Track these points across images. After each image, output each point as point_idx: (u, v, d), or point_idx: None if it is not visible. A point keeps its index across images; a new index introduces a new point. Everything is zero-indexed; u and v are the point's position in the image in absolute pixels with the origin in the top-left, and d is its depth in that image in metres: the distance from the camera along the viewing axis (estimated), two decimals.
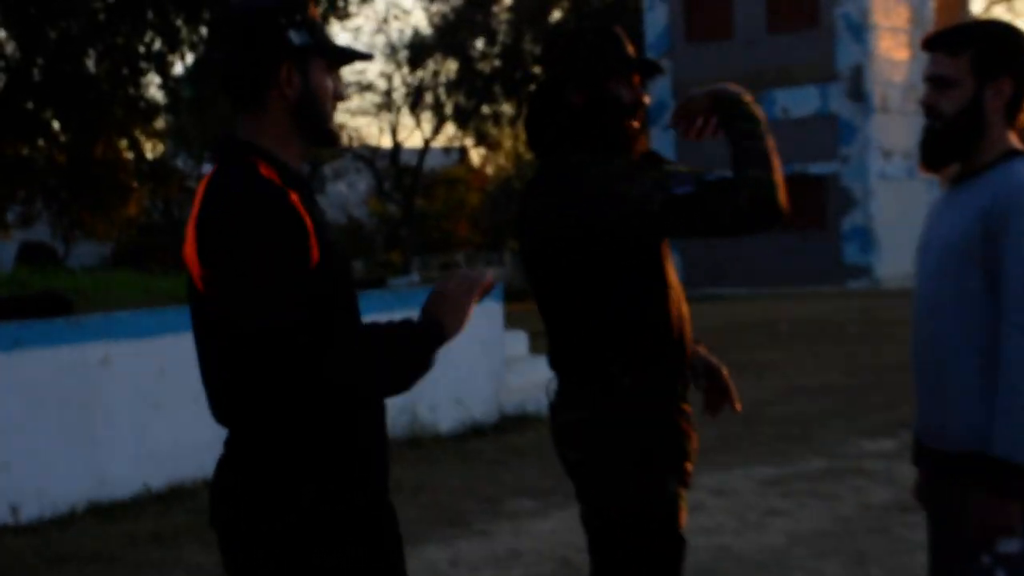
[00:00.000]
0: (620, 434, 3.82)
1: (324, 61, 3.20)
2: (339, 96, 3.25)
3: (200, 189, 3.08)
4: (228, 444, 3.10)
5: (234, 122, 3.23)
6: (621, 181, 3.78)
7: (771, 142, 3.84)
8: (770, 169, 3.78)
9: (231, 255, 2.95)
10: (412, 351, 3.07)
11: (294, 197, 3.05)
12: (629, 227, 3.77)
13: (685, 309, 4.04)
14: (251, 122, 3.17)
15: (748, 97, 3.92)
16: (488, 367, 12.38)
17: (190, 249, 3.05)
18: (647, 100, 4.03)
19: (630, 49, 4.01)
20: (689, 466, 3.94)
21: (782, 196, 3.78)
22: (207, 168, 3.16)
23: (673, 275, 4.00)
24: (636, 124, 3.98)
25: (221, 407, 3.09)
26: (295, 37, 3.14)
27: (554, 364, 4.00)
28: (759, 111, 3.90)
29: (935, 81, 3.82)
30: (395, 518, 3.30)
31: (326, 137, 3.24)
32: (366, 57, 3.33)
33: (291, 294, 2.94)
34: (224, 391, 3.06)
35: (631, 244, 3.83)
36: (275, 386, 2.93)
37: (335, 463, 3.07)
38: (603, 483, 3.84)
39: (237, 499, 3.05)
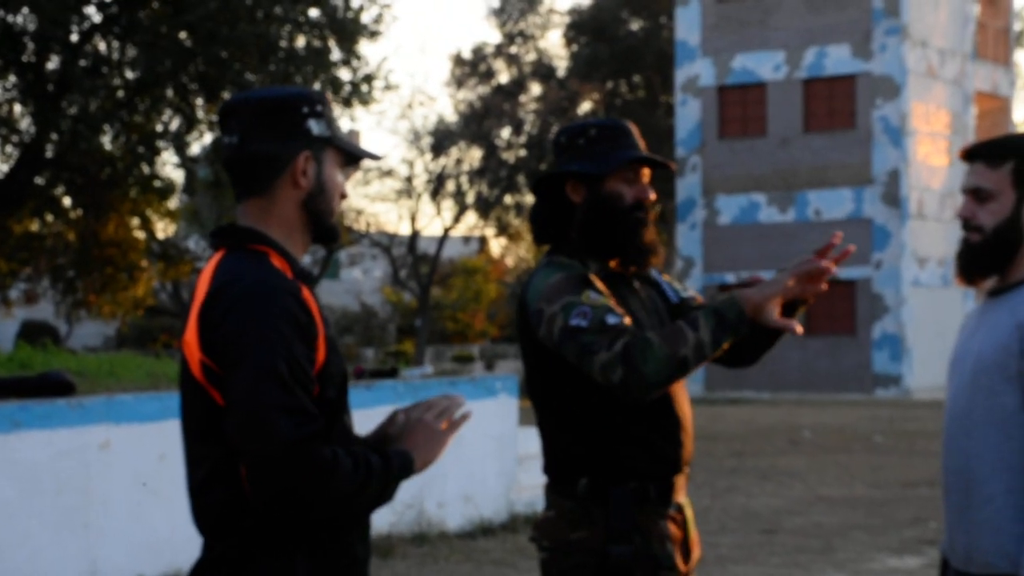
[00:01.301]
0: (578, 535, 3.81)
1: (338, 155, 3.21)
2: (344, 194, 3.25)
3: (206, 274, 3.07)
4: (207, 547, 3.05)
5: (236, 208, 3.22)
6: (547, 297, 3.78)
7: (721, 345, 3.65)
8: (682, 361, 3.61)
9: (246, 351, 2.91)
10: (380, 486, 2.99)
11: (306, 292, 3.04)
12: (547, 339, 3.78)
13: (683, 407, 3.96)
14: (255, 210, 3.15)
15: (752, 315, 3.68)
16: (500, 464, 12.34)
17: (192, 336, 3.01)
18: (652, 197, 3.98)
19: (641, 144, 3.98)
20: (671, 573, 3.84)
21: (650, 391, 3.64)
22: (213, 249, 3.15)
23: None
24: (642, 217, 3.93)
25: (202, 510, 3.05)
26: (315, 127, 3.16)
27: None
28: (737, 326, 3.67)
29: (974, 193, 3.83)
30: None
31: (329, 233, 3.22)
32: (376, 157, 3.31)
33: (297, 394, 2.90)
34: (206, 498, 3.03)
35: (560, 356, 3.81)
36: (266, 492, 2.88)
37: (315, 568, 3.02)
38: None
39: None
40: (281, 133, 3.13)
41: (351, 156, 3.25)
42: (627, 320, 3.71)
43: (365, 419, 3.60)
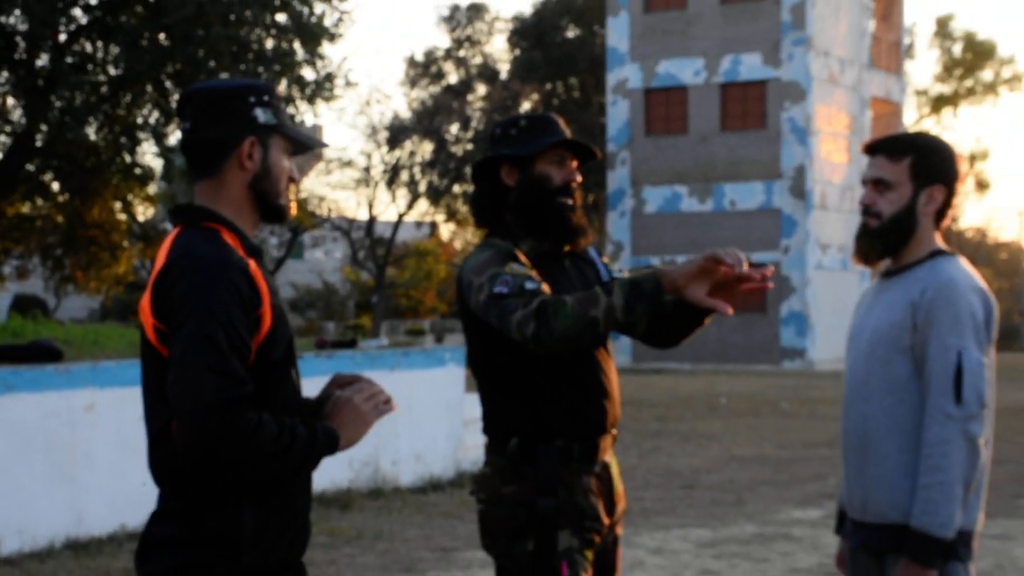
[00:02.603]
0: (509, 489, 3.83)
1: (284, 142, 3.19)
2: (293, 178, 3.22)
3: (163, 248, 3.06)
4: (161, 497, 3.06)
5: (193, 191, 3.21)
6: (476, 271, 3.78)
7: (614, 317, 3.56)
8: (585, 319, 3.55)
9: (188, 314, 2.91)
10: (303, 454, 2.98)
11: (253, 266, 3.03)
12: (477, 308, 3.77)
13: (611, 375, 3.96)
14: (208, 190, 3.14)
15: (670, 290, 3.60)
16: (448, 427, 12.36)
17: (146, 303, 3.02)
18: (579, 180, 3.97)
19: (567, 133, 3.97)
20: (597, 525, 3.85)
21: (560, 344, 3.59)
22: (170, 228, 3.16)
23: (606, 345, 3.98)
24: (569, 202, 3.92)
25: (156, 463, 3.04)
26: (261, 115, 3.15)
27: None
28: (650, 300, 3.58)
29: (876, 183, 3.86)
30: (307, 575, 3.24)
31: (277, 212, 3.20)
32: (323, 145, 3.31)
33: (230, 359, 2.89)
34: (159, 447, 3.02)
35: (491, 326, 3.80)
36: (188, 442, 2.87)
37: (262, 524, 3.02)
38: (496, 532, 3.85)
39: (170, 551, 3.00)
40: (229, 120, 3.12)
41: (298, 143, 3.23)
42: (545, 287, 3.69)
43: (320, 380, 3.60)
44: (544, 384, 3.85)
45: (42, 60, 35.19)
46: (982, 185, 69.34)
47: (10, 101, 35.92)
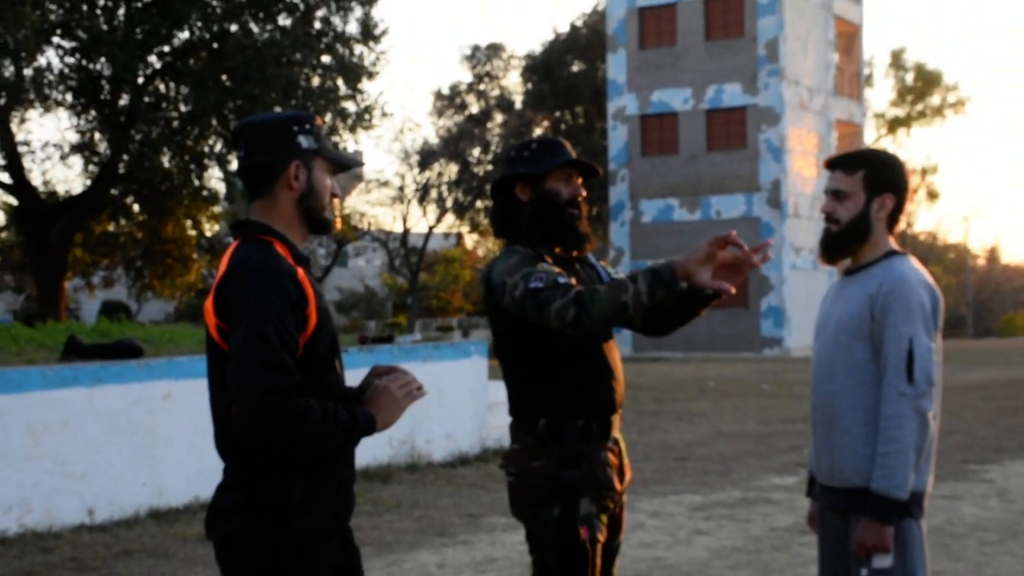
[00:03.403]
0: (537, 464, 3.83)
1: (326, 163, 3.20)
2: (335, 194, 3.23)
3: (225, 258, 3.08)
4: (226, 472, 3.07)
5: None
6: (509, 272, 3.79)
7: (645, 298, 3.62)
8: (617, 305, 3.62)
9: (244, 314, 2.93)
10: (344, 435, 3.00)
11: (301, 272, 3.04)
12: (511, 307, 3.79)
13: (616, 363, 3.97)
14: (262, 208, 3.16)
15: (683, 276, 3.68)
16: (474, 410, 12.39)
17: (210, 305, 3.04)
18: (584, 194, 3.98)
19: (572, 155, 3.97)
20: (612, 494, 3.89)
21: (596, 326, 3.66)
22: (230, 240, 3.18)
23: (611, 340, 3.98)
24: (576, 213, 3.94)
25: (220, 443, 3.06)
26: (304, 141, 3.16)
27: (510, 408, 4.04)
28: (670, 283, 3.65)
29: (834, 193, 3.88)
30: (353, 539, 3.25)
31: (322, 225, 3.21)
32: (360, 163, 3.31)
33: (281, 353, 2.91)
34: (223, 429, 3.04)
35: (523, 319, 3.80)
36: (246, 425, 2.90)
37: (312, 495, 3.03)
38: (525, 503, 3.86)
39: (233, 518, 3.01)
40: (277, 147, 3.14)
41: (338, 164, 3.24)
42: (573, 281, 3.75)
43: (362, 370, 3.61)
44: (564, 370, 3.86)
45: (123, 100, 35.33)
46: (932, 195, 69.13)
47: (97, 135, 36.09)
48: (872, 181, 3.84)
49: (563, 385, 3.86)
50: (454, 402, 11.90)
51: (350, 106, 36.50)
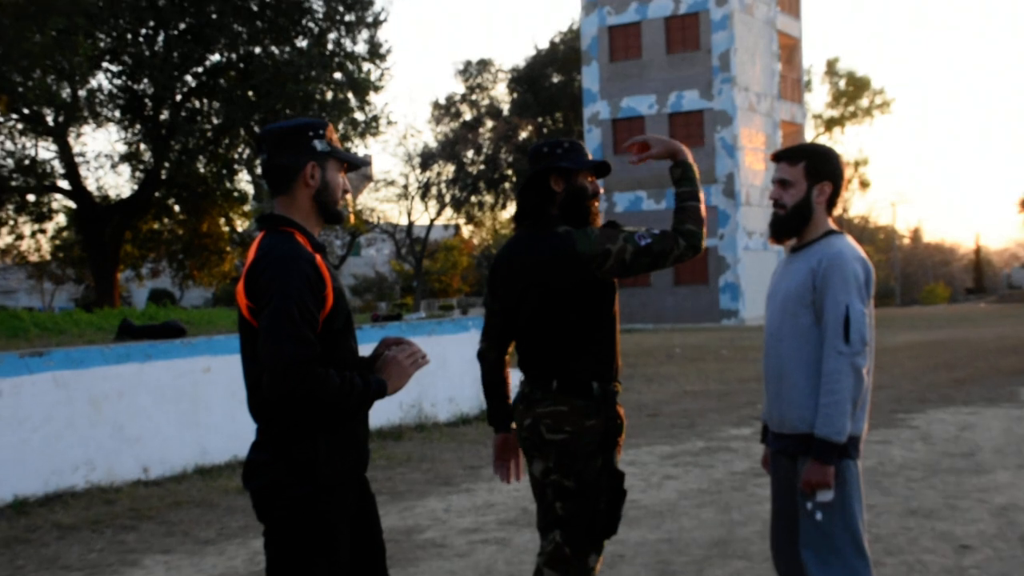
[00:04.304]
0: (592, 422, 3.81)
1: (338, 164, 3.19)
2: (346, 190, 3.23)
3: (253, 247, 3.08)
4: (258, 432, 3.08)
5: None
6: (606, 240, 3.79)
7: (702, 199, 3.93)
8: (700, 223, 3.87)
9: (270, 295, 2.94)
10: (357, 399, 3.01)
11: (319, 258, 3.05)
12: (613, 269, 3.79)
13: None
14: (284, 203, 3.15)
15: (693, 161, 3.97)
16: (473, 376, 12.36)
17: (241, 288, 3.04)
18: (601, 191, 4.03)
19: (588, 155, 4.00)
20: (622, 442, 3.94)
21: (703, 240, 3.89)
22: (256, 234, 3.18)
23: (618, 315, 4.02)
24: (595, 206, 3.96)
25: (253, 407, 3.07)
26: (318, 144, 3.15)
27: (536, 375, 3.91)
28: (698, 174, 3.97)
29: (780, 183, 3.89)
30: (369, 488, 3.26)
31: (335, 217, 3.20)
32: (366, 162, 3.28)
33: (302, 328, 2.91)
34: (255, 395, 3.05)
35: (610, 285, 3.84)
36: (275, 390, 2.91)
37: (332, 451, 3.03)
38: (577, 457, 3.80)
39: (266, 472, 3.02)
40: (294, 150, 3.13)
41: (348, 163, 3.24)
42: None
43: (374, 343, 3.62)
44: (603, 341, 3.86)
45: (164, 115, 35.28)
46: (864, 184, 69.29)
47: (142, 146, 36.03)
48: (812, 171, 3.85)
49: (603, 354, 3.86)
50: (455, 370, 11.92)
51: (359, 116, 36.46)
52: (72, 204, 36.98)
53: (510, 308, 3.98)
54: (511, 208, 56.04)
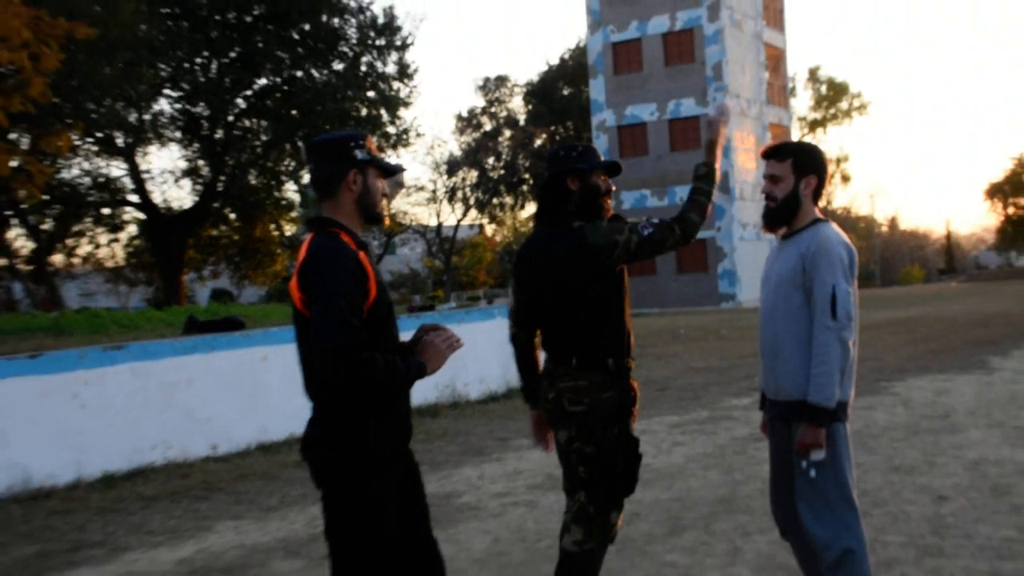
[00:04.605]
0: (608, 394, 3.83)
1: (377, 171, 3.19)
2: (384, 194, 3.23)
3: (304, 246, 3.08)
4: (313, 410, 3.09)
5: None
6: (614, 233, 3.82)
7: (713, 199, 4.00)
8: (703, 217, 3.94)
9: (321, 288, 2.94)
10: (400, 380, 3.02)
11: (362, 255, 3.05)
12: (620, 258, 3.82)
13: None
14: (330, 207, 3.15)
15: (718, 165, 4.06)
16: (499, 359, 12.42)
17: (294, 284, 3.04)
18: (613, 188, 4.03)
19: (600, 157, 4.03)
20: (636, 412, 3.96)
21: (698, 231, 3.93)
22: (306, 235, 3.17)
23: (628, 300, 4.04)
24: (608, 202, 3.98)
25: (309, 388, 3.08)
26: (359, 153, 3.15)
27: (558, 353, 3.91)
28: (718, 176, 4.03)
29: (770, 178, 3.89)
30: (413, 458, 3.26)
31: (376, 218, 3.20)
32: (402, 169, 3.29)
33: (350, 317, 2.92)
34: (310, 378, 3.05)
35: (620, 272, 3.86)
36: (327, 374, 2.91)
37: (380, 426, 3.04)
38: (596, 426, 3.82)
39: (322, 445, 3.03)
40: (338, 160, 3.13)
41: (386, 170, 3.24)
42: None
43: (412, 330, 3.64)
44: (616, 322, 3.87)
45: (219, 134, 35.42)
46: (845, 178, 68.89)
47: (200, 162, 36.21)
48: (799, 166, 3.85)
49: (616, 334, 3.87)
50: (484, 353, 11.96)
51: (391, 129, 36.51)
52: (141, 215, 37.22)
53: (534, 297, 3.99)
54: (529, 208, 56.00)
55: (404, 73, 36.84)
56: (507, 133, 55.28)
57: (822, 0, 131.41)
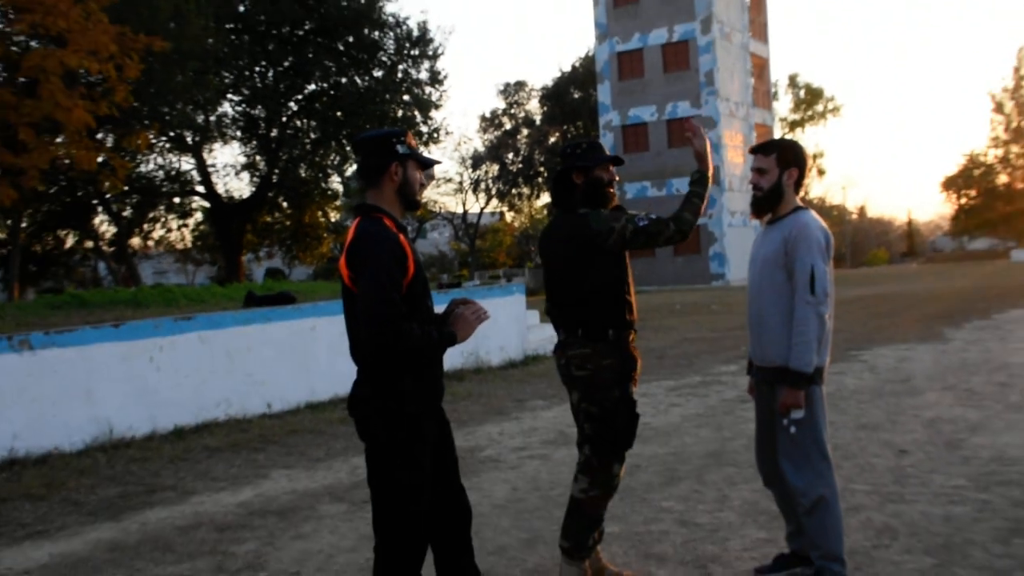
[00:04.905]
0: (607, 362, 3.80)
1: (415, 163, 3.17)
2: (422, 183, 3.20)
3: (351, 230, 3.07)
4: (359, 372, 3.08)
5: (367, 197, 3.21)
6: (612, 221, 3.78)
7: (706, 198, 3.91)
8: (696, 216, 3.85)
9: (367, 266, 2.93)
10: (434, 348, 3.01)
11: (402, 237, 3.04)
12: (616, 243, 3.77)
13: (634, 294, 4.01)
14: (374, 195, 3.13)
15: (711, 171, 3.97)
16: (517, 330, 12.43)
17: (343, 262, 3.03)
18: (617, 179, 3.99)
19: (606, 151, 3.98)
20: (637, 377, 3.91)
21: (687, 235, 3.83)
22: (352, 219, 3.15)
23: (631, 276, 3.99)
24: (612, 191, 3.92)
25: (355, 354, 3.07)
26: (400, 148, 3.13)
27: (566, 324, 3.89)
28: (710, 181, 3.95)
29: (757, 170, 3.86)
30: (445, 416, 3.25)
31: (414, 205, 3.18)
32: (437, 162, 3.24)
33: (392, 292, 2.91)
34: (356, 345, 3.04)
35: (618, 253, 3.81)
36: (371, 342, 2.91)
37: (416, 387, 3.03)
38: (598, 388, 3.80)
39: (366, 403, 3.03)
40: (381, 153, 3.11)
41: (424, 163, 3.21)
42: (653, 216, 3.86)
43: (444, 303, 3.64)
44: (619, 296, 3.82)
45: (273, 133, 35.42)
46: (821, 172, 68.27)
47: (258, 158, 36.24)
48: (782, 159, 3.82)
49: (619, 305, 3.82)
50: (504, 324, 11.96)
51: (424, 129, 36.43)
52: (206, 204, 37.42)
53: (552, 273, 3.97)
54: (544, 198, 55.82)
55: (435, 79, 36.75)
56: (525, 132, 55.02)
57: (802, 15, 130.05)
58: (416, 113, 35.95)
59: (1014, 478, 5.30)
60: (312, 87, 34.91)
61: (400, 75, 35.79)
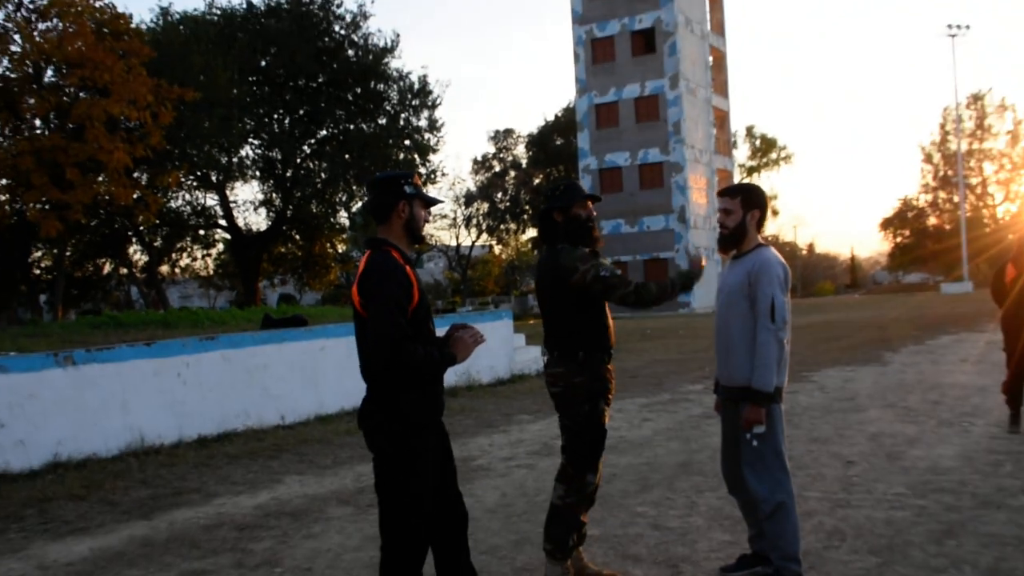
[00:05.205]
0: (577, 380, 3.77)
1: (421, 202, 3.16)
2: (426, 220, 3.19)
3: (363, 261, 3.06)
4: (368, 389, 3.06)
5: (375, 231, 3.19)
6: (579, 261, 3.74)
7: (677, 295, 3.80)
8: (662, 295, 3.74)
9: (376, 294, 2.92)
10: (435, 367, 2.99)
11: (408, 268, 3.03)
12: (576, 283, 3.74)
13: (611, 321, 3.95)
14: (383, 230, 3.12)
15: (695, 281, 3.87)
16: (505, 351, 12.38)
17: (355, 290, 3.02)
18: (595, 214, 3.93)
19: (585, 191, 3.93)
20: (610, 396, 3.87)
21: (650, 306, 3.75)
22: (363, 252, 3.15)
23: (607, 305, 3.93)
24: (593, 226, 3.87)
25: (364, 372, 3.05)
26: (407, 188, 3.11)
27: (548, 347, 3.90)
28: (690, 284, 3.84)
29: (723, 211, 3.88)
30: (445, 429, 3.22)
31: (420, 239, 3.18)
32: (440, 202, 3.24)
33: (398, 316, 2.90)
34: (365, 363, 3.02)
35: (584, 291, 3.77)
36: (379, 361, 2.89)
37: (420, 402, 3.01)
38: (570, 404, 3.79)
39: (374, 417, 3.01)
40: (391, 192, 3.10)
41: (428, 202, 3.19)
42: (619, 271, 3.76)
43: (441, 327, 3.63)
44: (591, 322, 3.78)
45: (288, 173, 35.42)
46: (775, 212, 68.80)
47: (274, 195, 36.21)
48: (746, 202, 3.84)
49: (590, 331, 3.77)
50: (493, 346, 11.92)
51: (422, 170, 36.53)
52: (228, 236, 37.33)
53: (539, 301, 3.97)
54: (529, 232, 55.95)
55: (433, 126, 36.96)
56: (512, 174, 55.29)
57: (759, 74, 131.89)
58: (416, 156, 36.14)
59: (947, 486, 5.32)
60: (324, 132, 35.06)
61: (402, 122, 36.01)
